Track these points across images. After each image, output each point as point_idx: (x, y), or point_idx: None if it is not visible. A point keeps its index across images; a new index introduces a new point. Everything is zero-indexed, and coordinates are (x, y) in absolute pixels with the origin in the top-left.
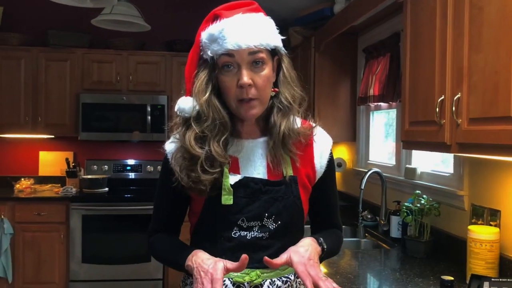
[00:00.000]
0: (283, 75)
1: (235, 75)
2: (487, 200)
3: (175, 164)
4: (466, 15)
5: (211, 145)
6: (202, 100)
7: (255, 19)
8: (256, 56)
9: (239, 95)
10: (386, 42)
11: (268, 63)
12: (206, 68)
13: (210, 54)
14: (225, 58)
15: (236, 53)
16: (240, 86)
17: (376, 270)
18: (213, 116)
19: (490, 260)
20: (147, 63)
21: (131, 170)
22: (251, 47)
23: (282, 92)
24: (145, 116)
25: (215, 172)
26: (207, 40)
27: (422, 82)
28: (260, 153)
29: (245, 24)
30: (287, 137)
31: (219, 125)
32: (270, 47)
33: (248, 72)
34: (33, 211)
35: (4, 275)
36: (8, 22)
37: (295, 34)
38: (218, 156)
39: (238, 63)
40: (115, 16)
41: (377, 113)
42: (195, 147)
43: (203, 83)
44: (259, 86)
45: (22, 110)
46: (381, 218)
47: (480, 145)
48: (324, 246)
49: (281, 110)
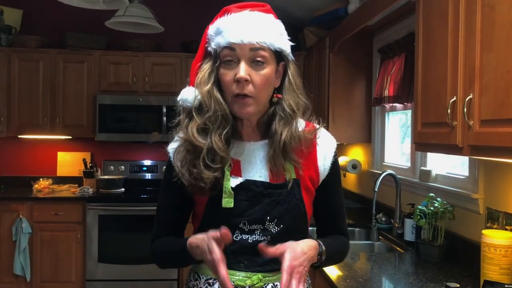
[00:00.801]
0: (288, 81)
1: (234, 69)
2: (502, 204)
3: (176, 160)
4: (478, 14)
5: (212, 137)
6: (204, 90)
7: (263, 18)
8: (257, 53)
9: (235, 90)
10: (401, 42)
11: (270, 64)
12: (210, 60)
13: (214, 47)
14: (227, 51)
15: (237, 47)
16: (236, 80)
17: (388, 274)
18: (214, 107)
19: (505, 266)
20: (163, 64)
21: (147, 171)
22: (253, 43)
23: (286, 99)
24: (161, 117)
25: (217, 169)
26: (212, 33)
27: (434, 83)
28: (261, 156)
29: (250, 20)
30: (288, 145)
31: (220, 117)
32: (274, 48)
33: (246, 68)
34: (50, 210)
35: (23, 273)
36: (27, 25)
37: (310, 34)
38: (219, 149)
39: (238, 58)
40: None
41: (392, 114)
42: (198, 138)
43: (205, 74)
44: (257, 84)
45: (40, 111)
46: (395, 221)
47: (493, 147)
48: (322, 258)
49: (283, 118)
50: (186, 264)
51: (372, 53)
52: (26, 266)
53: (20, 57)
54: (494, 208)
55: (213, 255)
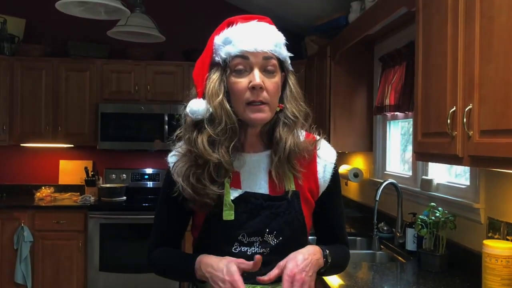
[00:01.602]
0: (289, 90)
1: (247, 77)
2: (504, 214)
3: (177, 175)
4: (476, 25)
5: (219, 150)
6: (216, 102)
7: (269, 28)
8: (269, 62)
9: (249, 97)
10: (402, 51)
11: (278, 72)
12: (217, 70)
13: (224, 56)
14: (239, 60)
15: (251, 55)
16: (252, 87)
17: (389, 285)
18: (225, 120)
19: (506, 277)
20: (164, 73)
21: (149, 179)
22: (266, 52)
23: (288, 107)
24: (163, 125)
25: (222, 183)
26: (221, 43)
27: (434, 93)
28: (262, 167)
29: (261, 29)
30: (292, 153)
31: (229, 130)
32: (282, 58)
33: (260, 73)
34: (52, 219)
35: (24, 282)
36: (30, 34)
37: (311, 43)
38: (226, 163)
39: (251, 66)
40: (130, 28)
41: (393, 122)
42: (209, 151)
43: (215, 85)
44: (270, 90)
45: (43, 119)
46: (397, 230)
47: (492, 158)
48: (328, 260)
49: (286, 125)
50: (185, 280)
51: (373, 62)
52: (28, 274)
53: (23, 66)
54: (496, 218)
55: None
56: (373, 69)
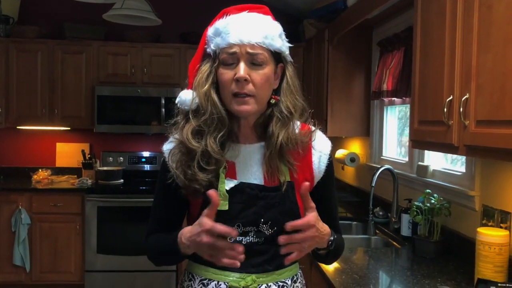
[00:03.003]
0: (286, 83)
1: (233, 69)
2: (498, 202)
3: (171, 161)
4: (475, 13)
5: (207, 140)
6: (201, 92)
7: (261, 19)
8: (256, 55)
9: (234, 89)
10: (400, 36)
11: (269, 64)
12: (208, 61)
13: (213, 48)
14: (226, 52)
15: (237, 47)
16: (236, 79)
17: (383, 270)
18: (210, 110)
19: (499, 264)
20: (161, 56)
21: (146, 162)
22: (253, 44)
23: (283, 101)
24: (160, 109)
25: (211, 170)
26: (211, 34)
27: (431, 81)
28: (257, 158)
29: (249, 20)
30: (284, 148)
31: (216, 120)
32: (274, 49)
33: (246, 67)
34: (49, 202)
35: (22, 264)
36: (25, 15)
37: (309, 26)
38: (213, 152)
39: (238, 58)
40: (126, 11)
41: (391, 108)
42: (191, 141)
43: (204, 76)
44: (256, 83)
45: (39, 102)
46: (392, 215)
47: (488, 148)
48: (330, 247)
49: (280, 120)
50: (178, 259)
51: (371, 47)
52: (26, 256)
53: (18, 48)
54: (490, 205)
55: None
56: (371, 53)
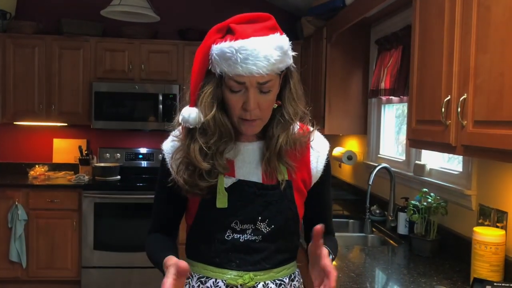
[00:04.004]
0: (289, 90)
1: (241, 96)
2: (495, 201)
3: (173, 165)
4: (474, 14)
5: (217, 160)
6: (209, 116)
7: (271, 44)
8: (266, 84)
9: (242, 115)
10: (399, 34)
11: (275, 86)
12: (213, 81)
13: (219, 72)
14: (235, 80)
15: (246, 79)
16: (245, 109)
17: (380, 268)
18: (219, 131)
19: (495, 263)
20: (159, 52)
21: (143, 159)
22: (263, 75)
23: (285, 107)
24: (157, 105)
25: (213, 181)
26: (217, 56)
27: (429, 81)
28: (256, 156)
29: (259, 50)
30: (283, 148)
31: (224, 138)
32: (281, 70)
33: (255, 96)
34: (46, 198)
35: (19, 260)
36: (22, 10)
37: (307, 24)
38: (221, 167)
39: (246, 87)
40: (124, 8)
41: (388, 106)
42: (201, 162)
43: (209, 97)
44: (263, 108)
45: (36, 98)
46: (389, 213)
47: (485, 148)
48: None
49: (281, 123)
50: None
51: (369, 45)
52: (22, 253)
53: (15, 43)
54: (487, 204)
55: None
56: (369, 52)
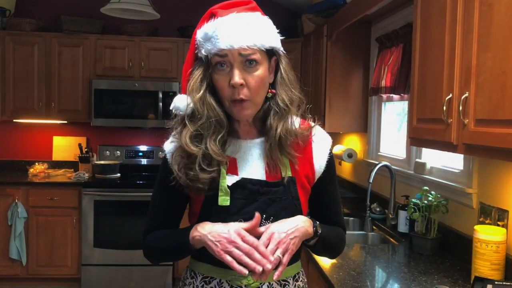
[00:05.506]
0: (280, 76)
1: (227, 74)
2: (496, 199)
3: (174, 164)
4: (475, 12)
5: (207, 143)
6: (196, 98)
7: (250, 19)
8: (249, 57)
9: (231, 95)
10: (399, 32)
11: (262, 64)
12: (201, 66)
13: (204, 53)
14: (218, 58)
15: (228, 52)
16: (231, 86)
17: (380, 267)
18: (208, 114)
19: (496, 262)
20: (159, 50)
21: (143, 156)
22: (244, 47)
23: (279, 94)
24: (157, 103)
25: (213, 171)
26: (201, 39)
27: (431, 79)
28: (258, 153)
29: (238, 23)
30: (283, 139)
31: (214, 123)
32: (266, 48)
33: (240, 72)
34: (46, 195)
35: (19, 257)
36: (22, 7)
37: (308, 21)
38: (215, 154)
39: (230, 63)
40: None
41: (389, 104)
42: (190, 146)
43: (197, 81)
44: (252, 86)
45: (35, 95)
46: (389, 212)
47: (487, 147)
48: (318, 230)
49: (277, 113)
50: (180, 256)
51: (370, 42)
52: (22, 250)
53: (14, 41)
54: (487, 203)
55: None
56: (370, 49)
